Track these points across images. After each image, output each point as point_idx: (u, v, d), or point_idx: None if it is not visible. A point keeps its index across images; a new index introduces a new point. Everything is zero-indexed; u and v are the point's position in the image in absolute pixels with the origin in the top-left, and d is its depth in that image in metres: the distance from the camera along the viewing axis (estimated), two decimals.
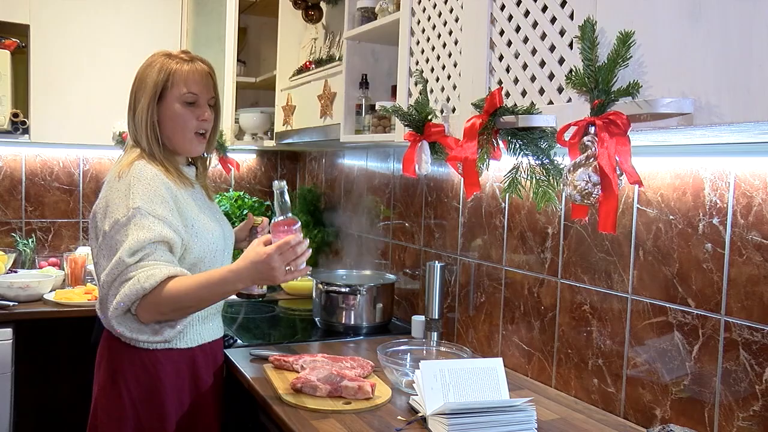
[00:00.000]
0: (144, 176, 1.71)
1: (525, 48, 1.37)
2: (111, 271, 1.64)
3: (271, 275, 1.62)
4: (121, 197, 1.68)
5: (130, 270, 1.62)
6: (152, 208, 1.67)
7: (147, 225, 1.64)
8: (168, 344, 1.77)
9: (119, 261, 1.62)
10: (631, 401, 1.68)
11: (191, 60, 1.82)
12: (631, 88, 1.08)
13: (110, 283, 1.64)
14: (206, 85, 1.82)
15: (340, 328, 2.47)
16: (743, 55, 0.94)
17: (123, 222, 1.65)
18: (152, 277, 1.60)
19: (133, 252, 1.63)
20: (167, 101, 1.78)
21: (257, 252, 1.62)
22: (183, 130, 1.80)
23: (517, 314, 2.06)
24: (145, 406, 1.76)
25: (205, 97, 1.82)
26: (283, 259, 1.61)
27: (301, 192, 3.49)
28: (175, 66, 1.78)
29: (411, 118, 1.65)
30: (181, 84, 1.78)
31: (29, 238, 3.34)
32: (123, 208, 1.66)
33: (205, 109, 1.82)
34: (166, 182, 1.74)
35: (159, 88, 1.77)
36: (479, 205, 2.22)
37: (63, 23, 3.11)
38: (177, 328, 1.71)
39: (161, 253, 1.66)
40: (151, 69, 1.80)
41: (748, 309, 1.41)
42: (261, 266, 1.61)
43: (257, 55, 3.62)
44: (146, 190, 1.69)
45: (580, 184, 1.11)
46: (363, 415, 1.66)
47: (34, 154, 3.38)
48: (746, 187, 1.41)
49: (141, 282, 1.60)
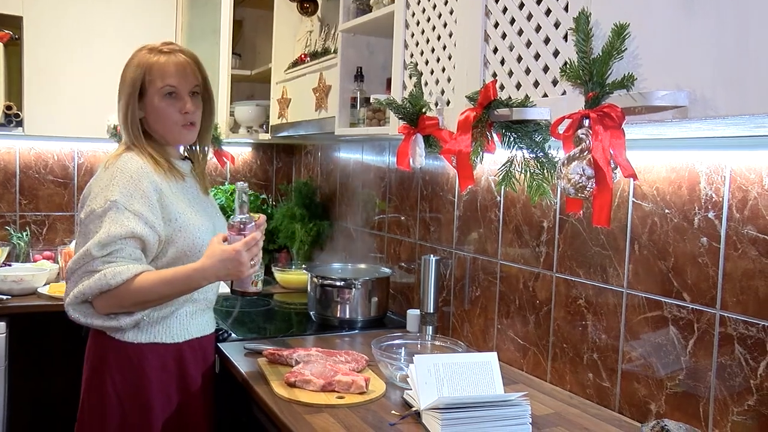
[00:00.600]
0: (128, 169, 1.71)
1: (519, 40, 1.36)
2: (77, 260, 1.66)
3: (239, 270, 1.69)
4: (102, 188, 1.70)
5: (96, 263, 1.64)
6: (129, 202, 1.67)
7: (121, 220, 1.65)
8: (153, 338, 1.77)
9: (86, 252, 1.64)
10: (626, 396, 1.68)
11: (170, 52, 1.80)
12: (626, 80, 1.07)
13: (74, 271, 1.66)
14: (185, 76, 1.79)
15: (335, 321, 2.47)
16: (738, 47, 0.93)
17: (98, 213, 1.66)
18: (119, 275, 1.63)
19: (103, 245, 1.64)
20: (149, 96, 1.78)
21: (224, 249, 1.68)
22: (167, 124, 1.80)
23: (512, 308, 2.05)
24: (130, 401, 1.75)
25: (186, 87, 1.80)
26: (249, 255, 1.69)
27: (296, 185, 3.48)
28: (152, 60, 1.77)
29: (405, 110, 1.64)
30: (159, 77, 1.77)
31: (23, 231, 3.32)
32: (101, 199, 1.68)
33: (186, 101, 1.79)
34: (151, 176, 1.73)
35: (138, 85, 1.77)
36: (474, 198, 2.21)
37: (57, 15, 3.08)
38: (134, 317, 1.71)
39: (131, 249, 1.67)
40: (129, 65, 1.80)
41: (743, 303, 1.41)
42: (230, 263, 1.67)
43: (253, 48, 3.60)
44: (127, 184, 1.69)
45: (574, 178, 1.10)
46: (356, 410, 1.65)
47: (28, 147, 3.36)
48: (742, 181, 1.41)
49: (107, 278, 1.62)
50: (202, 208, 1.88)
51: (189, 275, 1.68)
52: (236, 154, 3.74)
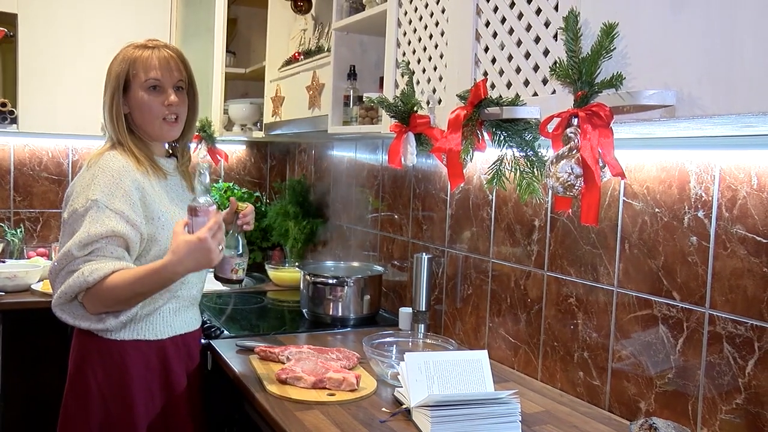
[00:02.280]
0: (109, 168, 1.71)
1: (510, 39, 1.36)
2: (60, 260, 1.66)
3: (209, 258, 1.61)
4: (83, 187, 1.70)
5: (77, 263, 1.64)
6: (110, 201, 1.67)
7: (101, 219, 1.65)
8: (136, 335, 1.77)
9: (67, 253, 1.64)
10: (616, 394, 1.68)
11: (154, 47, 1.81)
12: (615, 79, 1.08)
13: (57, 272, 1.67)
14: (168, 70, 1.79)
15: (328, 319, 2.47)
16: (725, 46, 0.93)
17: (80, 212, 1.66)
18: (96, 271, 1.61)
19: (83, 245, 1.63)
20: (133, 90, 1.78)
21: (188, 241, 1.60)
22: (150, 117, 1.79)
23: (504, 307, 2.06)
24: (113, 398, 1.75)
25: (170, 81, 1.80)
26: (216, 240, 1.62)
27: (290, 183, 3.48)
28: (136, 54, 1.78)
29: (397, 109, 1.64)
30: (143, 71, 1.77)
31: (17, 228, 3.32)
32: (83, 198, 1.68)
33: (169, 94, 1.79)
34: (132, 174, 1.73)
35: (122, 79, 1.77)
36: (467, 197, 2.22)
37: (51, 12, 3.07)
38: (120, 318, 1.69)
39: (112, 248, 1.66)
40: (114, 61, 1.81)
41: (732, 302, 1.41)
42: (197, 253, 1.60)
43: (247, 46, 3.60)
44: (108, 183, 1.69)
45: (562, 176, 1.10)
46: (347, 407, 1.65)
47: (23, 144, 3.35)
48: (731, 181, 1.41)
49: (85, 275, 1.61)
50: (186, 205, 1.87)
51: (157, 271, 1.62)
52: (230, 152, 3.74)
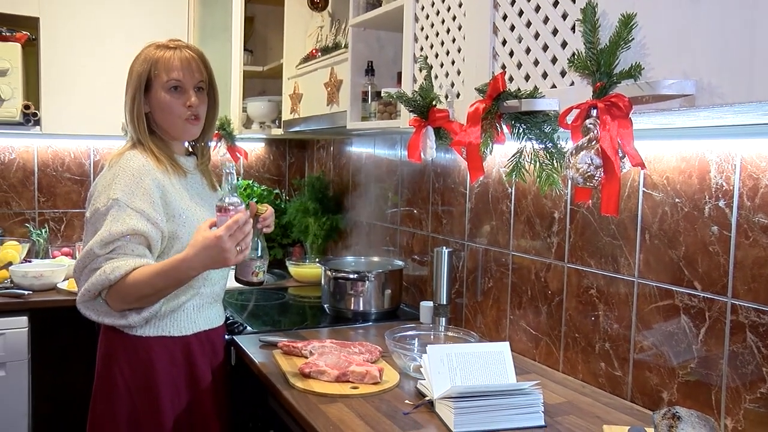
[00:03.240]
0: (130, 167, 1.74)
1: (528, 32, 1.37)
2: (82, 259, 1.70)
3: (223, 257, 1.62)
4: (105, 186, 1.73)
5: (99, 261, 1.67)
6: (131, 200, 1.70)
7: (122, 218, 1.68)
8: (161, 331, 1.80)
9: (90, 251, 1.68)
10: (638, 384, 1.69)
11: (176, 47, 1.83)
12: (633, 70, 1.08)
13: (80, 270, 1.71)
14: (190, 70, 1.82)
15: (349, 314, 2.49)
16: (744, 35, 0.93)
17: (102, 211, 1.70)
18: (117, 269, 1.65)
19: (105, 244, 1.67)
20: (154, 90, 1.81)
21: (205, 237, 1.62)
22: (172, 117, 1.82)
23: (525, 299, 2.07)
24: (139, 393, 1.78)
25: (191, 82, 1.82)
26: (233, 240, 1.62)
27: (309, 180, 3.50)
28: (158, 55, 1.81)
29: (415, 103, 1.65)
30: (164, 72, 1.80)
31: (42, 228, 3.37)
32: (104, 197, 1.71)
33: (190, 95, 1.82)
34: (153, 173, 1.76)
35: (144, 79, 1.80)
36: (486, 190, 2.23)
37: (72, 15, 3.12)
38: (143, 314, 1.72)
39: (133, 246, 1.69)
40: (136, 60, 1.84)
41: (754, 291, 1.41)
42: (212, 250, 1.62)
43: (264, 44, 3.63)
44: (129, 182, 1.72)
45: (582, 167, 1.11)
46: (370, 399, 1.67)
47: (46, 146, 3.41)
48: (752, 169, 1.41)
49: (107, 273, 1.65)
50: (206, 202, 1.90)
51: (175, 267, 1.65)
52: (249, 150, 3.77)
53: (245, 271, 1.80)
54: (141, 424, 1.79)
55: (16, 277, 2.85)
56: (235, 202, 1.67)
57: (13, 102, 2.99)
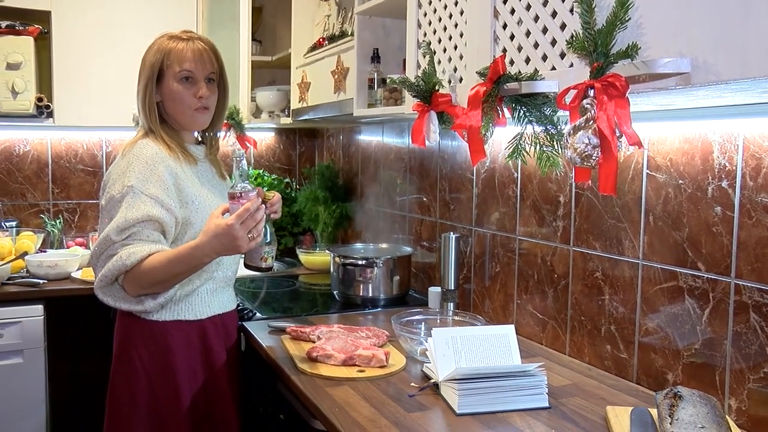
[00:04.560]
0: (143, 155, 1.77)
1: (527, 15, 1.37)
2: (99, 245, 1.73)
3: (235, 245, 1.65)
4: (119, 174, 1.76)
5: (116, 247, 1.71)
6: (145, 187, 1.73)
7: (137, 204, 1.71)
8: (177, 315, 1.83)
9: (106, 238, 1.71)
10: (643, 366, 1.69)
11: (189, 39, 1.86)
12: (630, 50, 1.08)
13: (97, 256, 1.74)
14: (202, 62, 1.85)
15: (358, 300, 2.51)
16: (738, 12, 0.93)
17: (117, 198, 1.73)
18: (134, 255, 1.68)
19: (121, 230, 1.70)
20: (166, 80, 1.84)
21: (217, 224, 1.65)
22: (182, 107, 1.85)
23: (531, 283, 2.07)
24: (158, 376, 1.82)
25: (202, 73, 1.85)
26: (244, 227, 1.64)
27: (319, 168, 3.52)
28: (171, 46, 1.83)
29: (418, 88, 1.66)
30: (177, 62, 1.83)
31: (56, 219, 3.42)
32: (119, 185, 1.74)
33: (201, 86, 1.85)
34: (166, 161, 1.79)
35: (156, 69, 1.83)
36: (492, 176, 2.23)
37: (83, 8, 3.15)
38: (158, 300, 1.76)
39: (148, 232, 1.73)
40: (149, 51, 1.87)
41: (757, 271, 1.41)
42: (223, 238, 1.64)
43: (273, 34, 3.64)
44: (143, 169, 1.75)
45: (580, 147, 1.12)
46: (377, 383, 1.69)
47: (59, 138, 3.45)
48: (755, 149, 1.41)
49: (123, 259, 1.68)
50: (217, 190, 1.94)
51: (189, 253, 1.68)
52: (259, 139, 3.80)
53: (254, 256, 1.82)
54: (159, 405, 1.82)
55: (32, 267, 2.90)
56: (246, 188, 1.69)
57: (27, 95, 3.03)
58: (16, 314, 2.74)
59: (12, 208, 3.37)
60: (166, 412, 1.83)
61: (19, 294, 2.77)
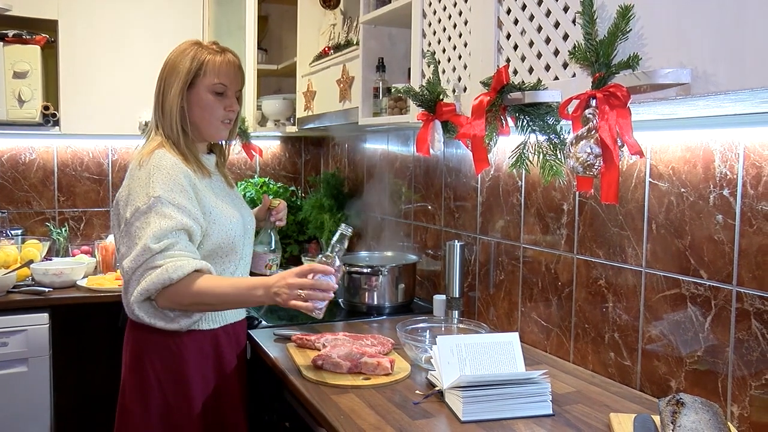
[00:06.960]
0: (164, 165, 1.75)
1: (531, 25, 1.39)
2: (137, 257, 1.68)
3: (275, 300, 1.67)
4: (141, 185, 1.73)
5: (156, 258, 1.67)
6: (172, 197, 1.71)
7: (168, 213, 1.69)
8: (192, 325, 1.82)
9: (145, 248, 1.67)
10: (646, 374, 1.70)
11: (222, 51, 1.88)
12: (631, 60, 1.10)
13: (134, 269, 1.69)
14: (236, 77, 1.89)
15: (363, 308, 2.52)
16: (738, 23, 0.95)
17: (143, 210, 1.70)
18: (180, 269, 1.66)
19: (158, 239, 1.67)
20: (197, 89, 1.84)
21: (282, 275, 1.69)
22: (210, 118, 1.86)
23: (536, 291, 2.08)
24: (170, 385, 1.82)
25: (234, 88, 1.89)
26: (298, 283, 1.66)
27: (324, 177, 3.54)
28: (207, 56, 1.84)
29: (423, 98, 1.68)
30: (213, 74, 1.84)
31: (62, 227, 3.44)
32: (143, 196, 1.71)
33: (233, 100, 1.88)
34: (185, 171, 1.78)
35: (191, 76, 1.83)
36: (497, 184, 2.25)
37: (89, 17, 3.18)
38: (192, 318, 1.77)
39: (184, 242, 1.71)
40: (183, 56, 1.84)
41: (759, 279, 1.42)
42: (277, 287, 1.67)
43: (279, 43, 3.67)
44: (166, 179, 1.73)
45: (582, 156, 1.13)
46: (382, 390, 1.70)
47: (65, 146, 3.47)
48: (755, 158, 1.42)
49: (169, 272, 1.65)
50: (230, 200, 1.94)
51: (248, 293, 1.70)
52: (265, 148, 3.82)
53: (258, 264, 1.84)
54: (172, 413, 1.82)
55: (37, 275, 2.92)
56: (337, 267, 1.73)
57: (33, 103, 3.06)
58: (21, 322, 2.74)
59: (18, 216, 3.40)
60: (178, 421, 1.83)
61: (24, 302, 2.78)
